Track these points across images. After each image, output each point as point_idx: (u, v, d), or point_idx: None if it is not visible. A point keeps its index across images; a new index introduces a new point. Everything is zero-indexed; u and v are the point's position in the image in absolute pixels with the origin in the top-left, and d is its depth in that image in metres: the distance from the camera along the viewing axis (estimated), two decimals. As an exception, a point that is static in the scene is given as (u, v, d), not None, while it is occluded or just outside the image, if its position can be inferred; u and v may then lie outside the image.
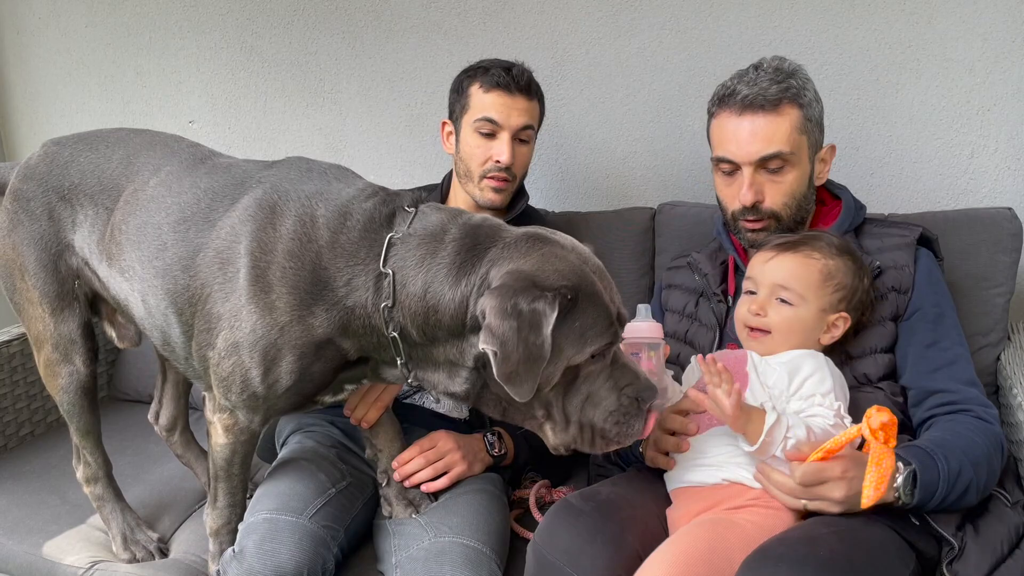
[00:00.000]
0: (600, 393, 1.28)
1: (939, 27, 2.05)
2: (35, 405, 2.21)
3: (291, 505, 1.53)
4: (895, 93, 2.11)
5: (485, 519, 1.58)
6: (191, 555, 1.69)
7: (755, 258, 1.55)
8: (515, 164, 1.86)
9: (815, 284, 1.47)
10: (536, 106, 1.90)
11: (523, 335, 1.16)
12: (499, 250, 1.26)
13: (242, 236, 1.35)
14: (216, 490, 1.56)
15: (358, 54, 2.49)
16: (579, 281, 1.23)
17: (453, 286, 1.25)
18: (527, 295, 1.18)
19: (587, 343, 1.23)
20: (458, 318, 1.26)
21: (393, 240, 1.30)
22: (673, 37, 2.23)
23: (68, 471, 1.98)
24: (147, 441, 2.09)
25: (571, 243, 1.30)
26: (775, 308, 1.48)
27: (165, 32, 2.64)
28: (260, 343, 1.33)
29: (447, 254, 1.27)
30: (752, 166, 1.58)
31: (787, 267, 1.49)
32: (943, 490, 1.30)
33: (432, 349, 1.31)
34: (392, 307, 1.29)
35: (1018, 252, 1.83)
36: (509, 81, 1.83)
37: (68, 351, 1.64)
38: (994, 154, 2.08)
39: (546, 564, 1.32)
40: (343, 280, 1.30)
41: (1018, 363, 1.75)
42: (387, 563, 1.56)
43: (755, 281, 1.51)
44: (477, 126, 1.85)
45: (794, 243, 1.51)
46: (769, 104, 1.56)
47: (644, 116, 2.31)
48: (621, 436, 1.30)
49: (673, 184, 2.31)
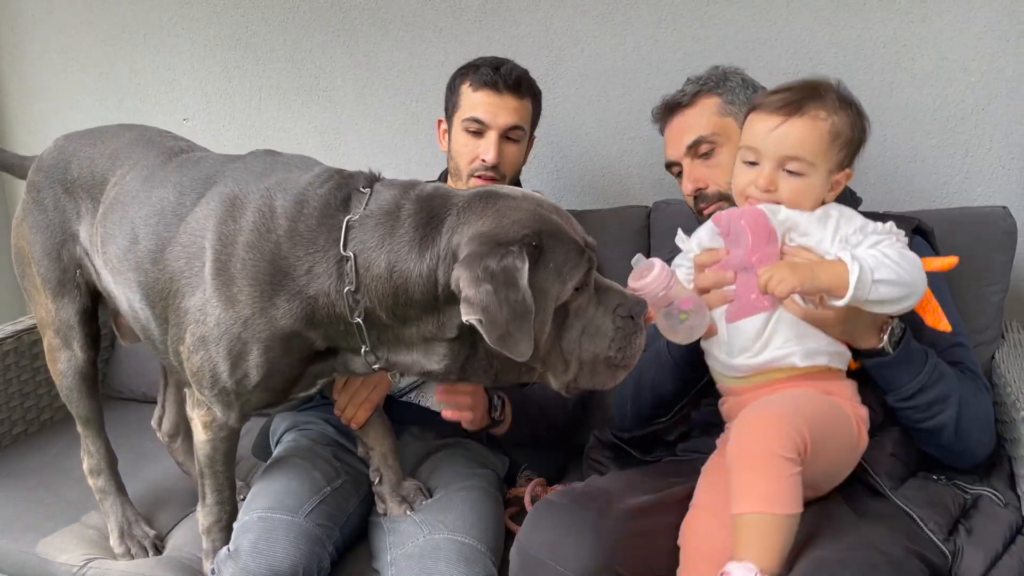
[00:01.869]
0: (595, 322, 1.28)
1: (934, 26, 2.06)
2: (29, 403, 2.21)
3: (286, 503, 1.53)
4: (889, 92, 2.12)
5: (480, 516, 1.58)
6: (186, 553, 1.69)
7: (755, 122, 1.42)
8: (503, 163, 1.85)
9: (824, 148, 1.38)
10: (527, 105, 1.88)
11: (502, 295, 1.16)
12: (455, 217, 1.25)
13: (206, 231, 1.35)
14: (203, 487, 1.57)
15: (353, 52, 2.49)
16: (539, 225, 1.23)
17: (418, 261, 1.24)
18: (494, 255, 1.18)
19: (567, 278, 1.24)
20: (429, 292, 1.25)
21: (351, 223, 1.29)
22: (668, 35, 2.24)
23: (63, 468, 1.98)
24: (142, 439, 2.08)
25: (521, 192, 1.31)
26: (784, 180, 1.39)
27: (160, 29, 2.63)
28: (224, 337, 1.33)
29: (406, 230, 1.26)
30: (687, 158, 1.72)
31: (796, 134, 1.38)
32: (924, 376, 1.35)
33: (404, 330, 1.30)
34: (356, 291, 1.27)
35: (1013, 250, 1.84)
36: (497, 80, 1.83)
37: (67, 337, 1.70)
38: (988, 153, 2.09)
39: (528, 559, 1.33)
40: (304, 268, 1.29)
41: (1013, 361, 1.76)
42: (382, 560, 1.55)
43: (758, 151, 1.40)
44: (465, 125, 1.85)
45: (798, 102, 1.39)
46: (686, 100, 1.73)
47: (640, 114, 2.30)
48: (626, 358, 1.30)
49: (668, 182, 2.28)
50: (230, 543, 1.49)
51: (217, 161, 1.48)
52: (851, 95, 1.46)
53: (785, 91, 1.42)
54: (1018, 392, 1.58)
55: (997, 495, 1.43)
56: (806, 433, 1.22)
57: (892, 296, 1.27)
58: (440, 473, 1.73)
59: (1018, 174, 2.08)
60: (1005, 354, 1.81)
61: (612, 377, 1.32)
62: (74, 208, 1.63)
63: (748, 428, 1.27)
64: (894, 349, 1.35)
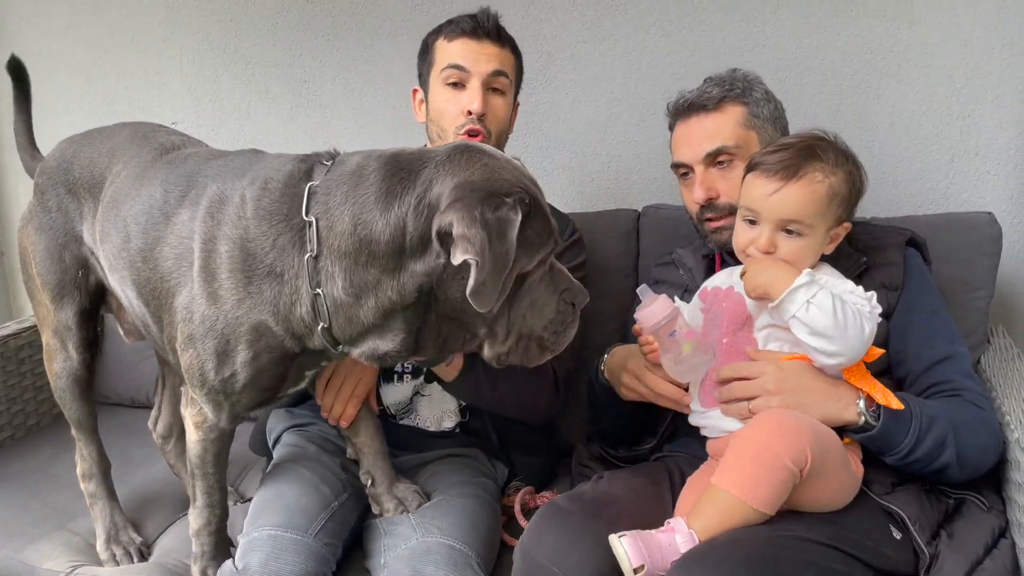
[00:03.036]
0: (542, 299, 1.29)
1: (920, 33, 2.07)
2: (15, 408, 2.20)
3: (296, 522, 1.51)
4: (876, 98, 2.13)
5: (475, 524, 1.58)
6: (173, 558, 1.68)
7: (754, 184, 1.45)
8: (489, 116, 1.71)
9: (822, 209, 1.41)
10: (509, 54, 1.76)
11: (493, 244, 1.15)
12: (433, 168, 1.23)
13: (192, 232, 1.35)
14: (194, 489, 1.56)
15: (342, 56, 2.49)
16: (525, 187, 1.23)
17: (385, 211, 1.22)
18: (489, 203, 1.16)
19: (536, 250, 1.23)
20: (396, 243, 1.22)
21: (313, 189, 1.27)
22: (657, 41, 2.25)
23: (50, 474, 1.97)
24: (130, 444, 2.08)
25: (503, 154, 1.30)
26: (784, 241, 1.42)
27: (148, 34, 2.62)
28: (210, 333, 1.33)
29: (371, 183, 1.24)
30: (702, 164, 1.64)
31: (793, 200, 1.40)
32: (914, 432, 1.34)
33: (359, 308, 1.26)
34: (317, 257, 1.25)
35: (998, 256, 1.86)
36: (475, 26, 1.71)
37: (63, 338, 1.70)
38: (974, 159, 2.10)
39: (534, 566, 1.32)
40: (269, 244, 1.28)
41: (998, 366, 1.77)
42: (375, 561, 1.55)
43: (757, 213, 1.44)
44: (444, 76, 1.71)
45: (796, 165, 1.41)
46: (711, 103, 1.64)
47: (629, 119, 2.31)
48: (557, 344, 1.32)
49: (657, 187, 2.31)
50: (237, 559, 1.47)
51: (202, 158, 1.48)
52: (848, 149, 1.48)
53: (783, 151, 1.44)
54: (1003, 396, 1.59)
55: (980, 500, 1.44)
56: (811, 455, 1.24)
57: (821, 329, 1.31)
58: (440, 478, 1.71)
59: (1003, 180, 2.10)
60: (991, 359, 1.82)
61: (539, 357, 1.33)
62: (77, 208, 1.63)
63: (765, 425, 1.29)
64: (876, 420, 1.35)
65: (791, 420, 1.29)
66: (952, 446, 1.36)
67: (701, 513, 1.27)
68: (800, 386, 1.37)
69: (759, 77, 1.70)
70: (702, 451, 1.54)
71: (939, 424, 1.36)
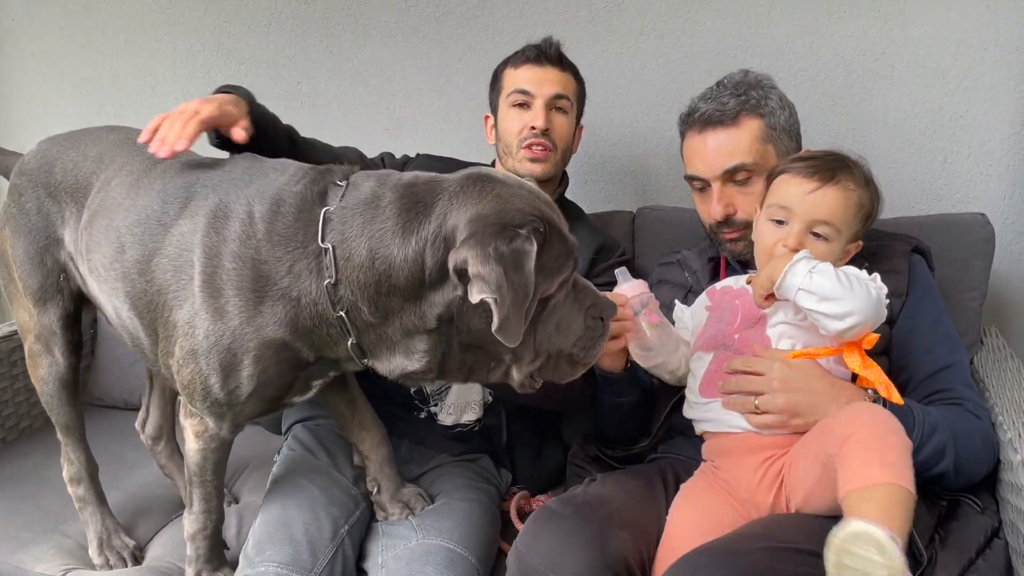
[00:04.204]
0: (568, 318, 1.29)
1: (913, 34, 2.08)
2: (7, 411, 2.18)
3: (302, 559, 1.46)
4: (868, 99, 2.13)
5: (476, 528, 1.58)
6: (166, 562, 1.68)
7: (790, 183, 1.46)
8: (553, 131, 1.82)
9: (851, 217, 1.44)
10: (570, 79, 1.88)
11: (511, 278, 1.15)
12: (447, 200, 1.23)
13: (193, 244, 1.34)
14: (192, 495, 1.55)
15: (336, 57, 2.48)
16: (539, 214, 1.23)
17: (403, 245, 1.22)
18: (503, 237, 1.16)
19: (555, 274, 1.23)
20: (415, 277, 1.22)
21: (328, 215, 1.27)
22: (650, 43, 2.25)
23: (42, 478, 1.96)
24: (121, 447, 2.07)
25: (516, 180, 1.29)
26: (811, 243, 1.44)
27: (141, 34, 2.61)
28: (215, 349, 1.31)
29: (388, 216, 1.24)
30: (719, 180, 1.62)
31: (831, 200, 1.43)
32: (917, 433, 1.33)
33: (386, 328, 1.28)
34: (336, 284, 1.25)
35: (991, 256, 1.86)
36: (539, 54, 1.84)
37: (49, 342, 1.67)
38: (967, 160, 2.11)
39: (528, 569, 1.32)
40: (284, 269, 1.28)
41: (991, 366, 1.78)
42: (372, 562, 1.54)
43: (790, 211, 1.44)
44: (511, 100, 1.84)
45: (832, 171, 1.44)
46: (728, 118, 1.60)
47: (622, 121, 2.31)
48: (588, 357, 1.33)
49: (652, 188, 2.32)
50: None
51: (198, 167, 1.46)
52: (870, 172, 1.50)
53: (816, 159, 1.47)
54: (996, 397, 1.60)
55: (974, 501, 1.44)
56: None
57: (828, 291, 1.31)
58: (443, 482, 1.72)
59: (996, 181, 2.10)
60: (983, 359, 1.83)
61: (571, 372, 1.34)
62: (58, 212, 1.60)
63: (871, 415, 1.24)
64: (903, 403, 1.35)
65: (866, 407, 1.27)
66: (951, 455, 1.36)
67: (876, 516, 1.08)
68: (806, 386, 1.36)
69: (771, 79, 1.68)
70: (696, 453, 1.54)
71: (940, 432, 1.36)
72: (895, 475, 1.13)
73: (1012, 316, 2.14)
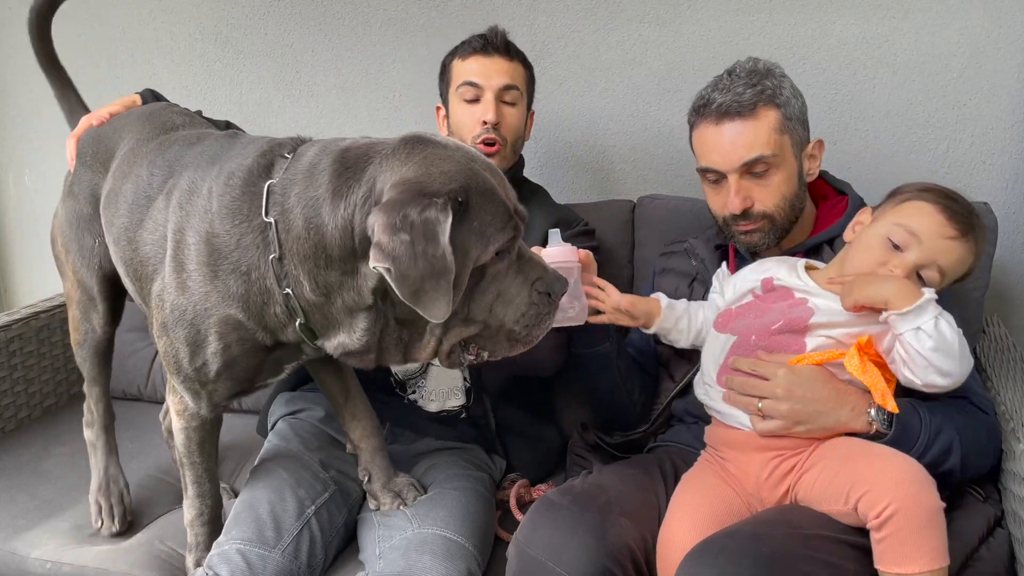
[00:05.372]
0: (511, 290, 1.25)
1: (916, 22, 2.06)
2: (6, 402, 2.18)
3: (265, 536, 1.49)
4: (871, 88, 2.12)
5: (472, 517, 1.57)
6: (166, 546, 1.68)
7: (930, 217, 1.39)
8: (502, 125, 1.81)
9: (959, 273, 1.42)
10: (519, 67, 1.86)
11: (419, 248, 1.10)
12: (378, 164, 1.20)
13: (166, 220, 1.36)
14: (184, 479, 1.56)
15: (335, 46, 2.47)
16: (468, 179, 1.18)
17: (332, 212, 1.19)
18: (416, 204, 1.12)
19: (490, 241, 1.19)
20: (346, 245, 1.19)
21: (272, 188, 1.25)
22: (651, 31, 2.23)
23: (39, 469, 1.96)
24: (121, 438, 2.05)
25: (455, 143, 1.26)
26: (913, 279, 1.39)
27: (138, 23, 2.60)
28: (180, 323, 1.33)
29: (321, 182, 1.21)
30: (737, 173, 1.57)
31: (958, 254, 1.39)
32: (923, 437, 1.33)
33: (330, 306, 1.26)
34: (281, 259, 1.24)
35: (993, 245, 1.85)
36: (485, 44, 1.82)
37: (87, 311, 1.74)
38: (970, 148, 2.10)
39: (528, 561, 1.32)
40: (234, 243, 1.27)
41: (993, 356, 1.77)
42: (369, 552, 1.54)
43: (919, 243, 1.38)
44: (460, 93, 1.82)
45: (971, 226, 1.40)
46: (745, 109, 1.55)
47: (623, 110, 2.30)
48: (530, 336, 1.28)
49: (652, 177, 2.31)
50: (206, 566, 1.47)
51: (187, 143, 1.48)
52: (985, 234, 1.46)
53: (958, 201, 1.42)
54: (998, 386, 1.60)
55: (977, 490, 1.44)
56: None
57: (947, 345, 1.29)
58: (436, 471, 1.71)
59: (999, 170, 2.09)
60: (985, 348, 1.82)
61: (508, 349, 1.29)
62: (98, 183, 1.66)
63: (913, 486, 1.22)
64: (888, 429, 1.34)
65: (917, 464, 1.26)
66: (957, 452, 1.36)
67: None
68: (810, 394, 1.35)
69: (781, 67, 1.64)
70: (696, 442, 1.53)
71: (945, 431, 1.35)
72: (937, 559, 1.18)
73: (1014, 305, 2.13)
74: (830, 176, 1.74)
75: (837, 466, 1.29)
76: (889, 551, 1.19)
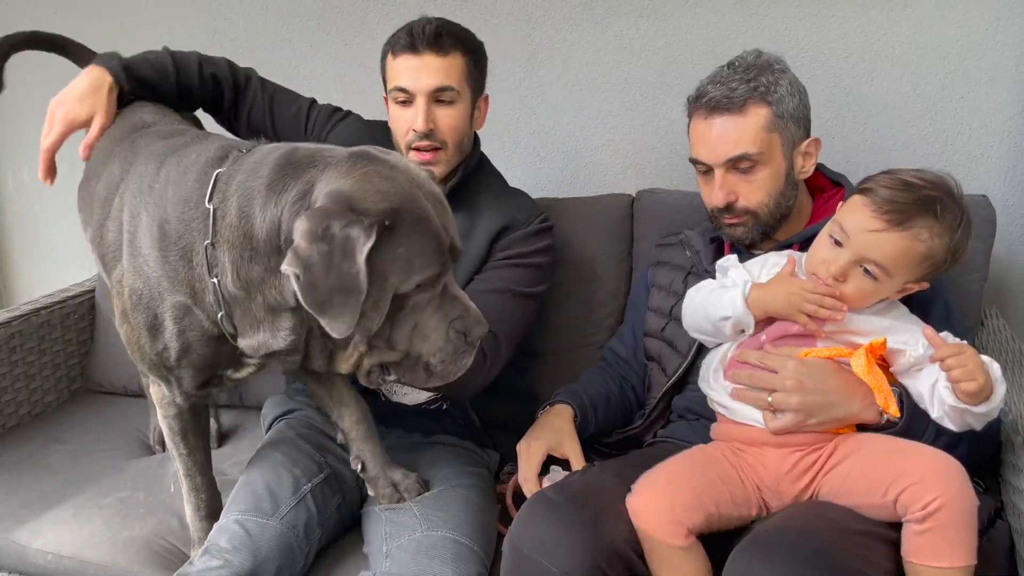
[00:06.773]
0: (429, 324, 1.25)
1: (914, 14, 2.06)
2: (7, 398, 2.18)
3: (262, 507, 1.51)
4: (869, 80, 2.12)
5: (477, 516, 1.57)
6: (160, 539, 1.68)
7: (858, 211, 1.36)
8: (438, 130, 1.68)
9: (911, 266, 1.36)
10: (455, 60, 1.69)
11: (335, 262, 1.11)
12: (320, 169, 1.21)
13: (125, 205, 1.38)
14: (178, 472, 1.57)
15: (332, 42, 2.47)
16: (403, 203, 1.18)
17: (264, 205, 1.20)
18: (341, 219, 1.12)
19: (413, 272, 1.19)
20: (271, 242, 1.20)
21: (219, 176, 1.26)
22: (650, 24, 2.23)
23: (41, 464, 1.96)
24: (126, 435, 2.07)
25: (404, 164, 1.25)
26: (856, 278, 1.36)
27: (135, 18, 2.60)
28: (138, 306, 1.34)
29: (261, 175, 1.22)
30: (722, 168, 1.58)
31: (889, 248, 1.33)
32: (932, 430, 1.34)
33: (250, 301, 1.26)
34: (214, 245, 1.24)
35: (992, 239, 1.85)
36: (412, 41, 1.66)
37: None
38: (968, 141, 2.10)
39: (522, 558, 1.31)
40: (182, 228, 1.28)
41: (992, 348, 1.78)
42: (375, 547, 1.53)
43: (847, 239, 1.36)
44: (393, 96, 1.72)
45: (908, 215, 1.33)
46: (735, 105, 1.55)
47: (622, 103, 2.30)
48: (446, 372, 1.29)
49: (651, 171, 2.31)
50: (208, 542, 1.48)
51: (157, 138, 1.49)
52: (967, 212, 1.38)
53: (903, 190, 1.35)
54: (997, 378, 1.59)
55: (977, 482, 1.44)
56: None
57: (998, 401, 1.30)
58: (437, 468, 1.69)
59: (997, 162, 2.09)
60: (984, 341, 1.83)
61: (426, 381, 1.31)
62: None
63: (961, 482, 1.23)
64: (900, 410, 1.34)
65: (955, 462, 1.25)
66: (964, 443, 1.36)
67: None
68: (820, 385, 1.35)
69: (783, 62, 1.63)
70: (698, 439, 1.52)
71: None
72: (969, 556, 1.20)
73: (1013, 298, 2.14)
74: (826, 168, 1.74)
75: (872, 460, 1.30)
76: (929, 544, 1.19)
